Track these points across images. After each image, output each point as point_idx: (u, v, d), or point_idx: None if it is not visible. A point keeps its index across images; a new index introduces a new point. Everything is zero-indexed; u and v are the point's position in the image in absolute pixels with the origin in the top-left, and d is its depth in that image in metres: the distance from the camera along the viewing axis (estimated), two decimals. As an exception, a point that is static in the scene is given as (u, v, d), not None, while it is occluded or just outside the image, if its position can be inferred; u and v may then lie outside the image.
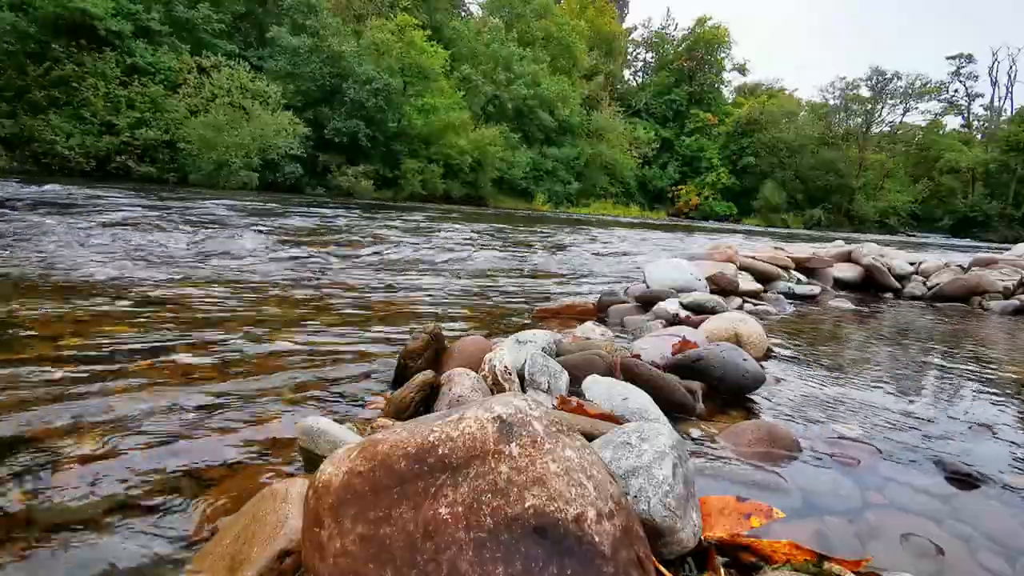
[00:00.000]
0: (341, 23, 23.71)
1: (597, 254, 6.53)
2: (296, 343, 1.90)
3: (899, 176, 42.11)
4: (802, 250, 4.74)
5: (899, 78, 41.65)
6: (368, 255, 4.79)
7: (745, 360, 1.57)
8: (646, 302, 2.66)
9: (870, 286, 4.47)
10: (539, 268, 4.80)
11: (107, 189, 9.37)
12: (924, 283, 4.42)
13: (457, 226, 8.87)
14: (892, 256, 4.86)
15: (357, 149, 22.85)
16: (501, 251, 5.89)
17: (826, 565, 0.73)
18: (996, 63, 47.11)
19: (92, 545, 0.80)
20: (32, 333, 1.79)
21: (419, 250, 5.30)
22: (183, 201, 8.62)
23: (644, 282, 3.00)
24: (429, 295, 3.10)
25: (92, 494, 0.93)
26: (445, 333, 1.63)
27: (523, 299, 3.17)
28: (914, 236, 33.13)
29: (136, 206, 6.78)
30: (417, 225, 8.44)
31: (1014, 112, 43.77)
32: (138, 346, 1.73)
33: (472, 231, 8.22)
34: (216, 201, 9.19)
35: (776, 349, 2.17)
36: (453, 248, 5.74)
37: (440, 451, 0.62)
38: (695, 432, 1.29)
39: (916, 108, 43.41)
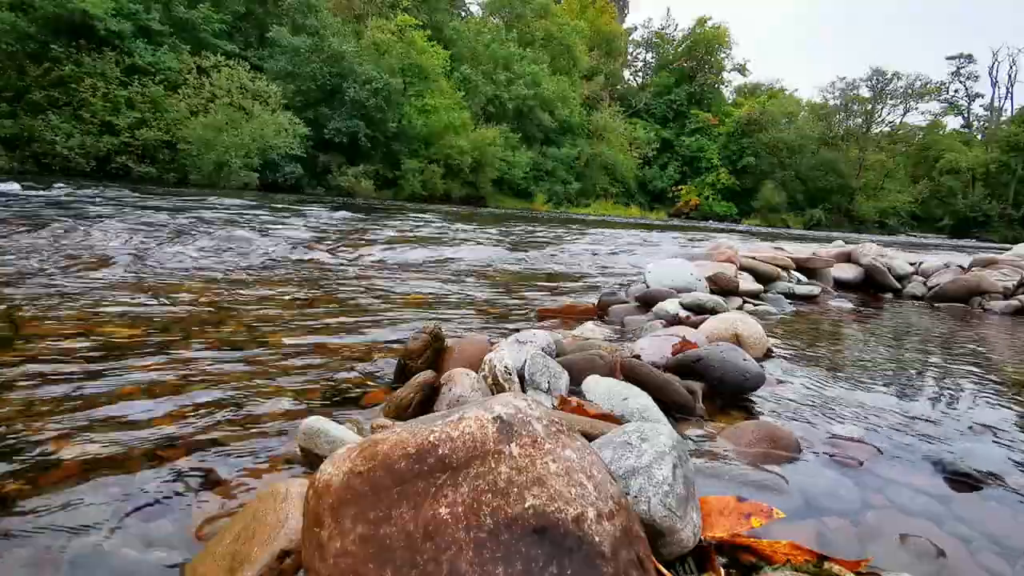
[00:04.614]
0: (341, 23, 23.72)
1: (597, 254, 6.53)
2: (295, 342, 1.90)
3: (899, 176, 42.11)
4: (802, 250, 4.74)
5: (899, 78, 41.73)
6: (367, 255, 4.79)
7: (745, 360, 1.57)
8: (646, 302, 2.66)
9: (870, 286, 4.47)
10: (539, 268, 4.80)
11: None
12: (924, 283, 4.42)
13: (457, 226, 8.87)
14: (892, 256, 4.85)
15: (357, 149, 22.86)
16: (501, 251, 5.89)
17: (826, 565, 0.73)
18: (996, 63, 47.25)
19: (91, 544, 0.80)
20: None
21: (419, 250, 5.31)
22: (181, 199, 8.63)
23: (644, 282, 3.00)
24: (429, 295, 3.10)
25: (92, 491, 0.93)
26: (445, 333, 1.63)
27: (523, 299, 3.17)
28: (914, 236, 33.12)
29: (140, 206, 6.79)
30: (417, 225, 8.44)
31: (1014, 112, 43.82)
32: (138, 343, 1.73)
33: (472, 231, 8.22)
34: (222, 201, 9.19)
35: (776, 349, 2.17)
36: (453, 248, 5.74)
37: (440, 451, 0.62)
38: (695, 432, 1.29)
39: (916, 108, 43.55)
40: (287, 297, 2.74)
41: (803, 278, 4.02)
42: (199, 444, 1.13)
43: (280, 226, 6.43)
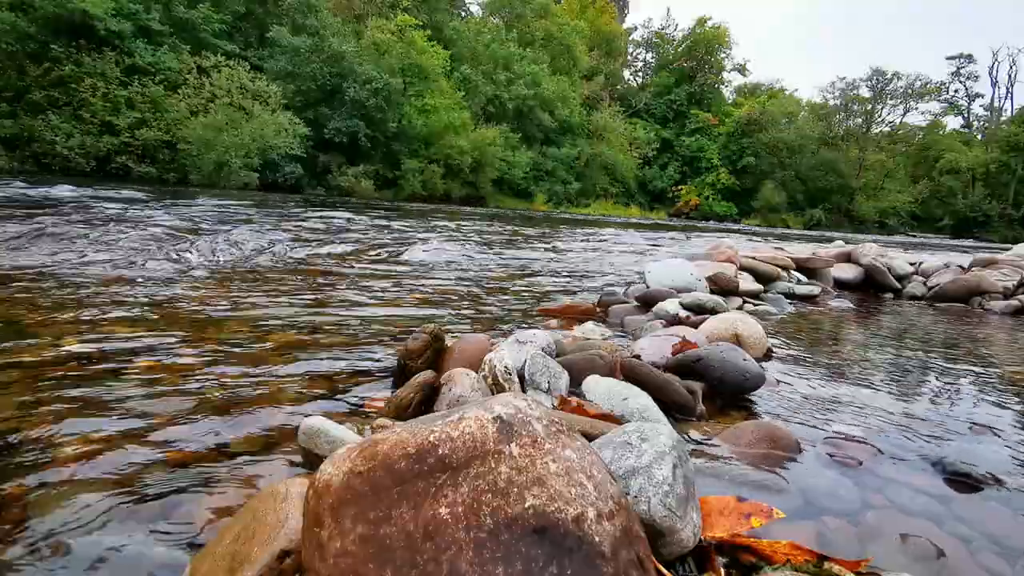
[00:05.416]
0: (341, 23, 23.73)
1: (597, 254, 6.53)
2: (295, 342, 1.90)
3: (899, 176, 42.10)
4: (802, 250, 4.74)
5: (899, 78, 41.75)
6: (368, 254, 4.79)
7: (745, 360, 1.57)
8: (646, 302, 2.66)
9: (870, 286, 4.47)
10: (539, 268, 4.80)
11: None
12: (924, 283, 4.42)
13: (456, 225, 8.87)
14: (892, 256, 4.85)
15: (357, 149, 22.87)
16: (501, 251, 5.89)
17: (826, 565, 0.73)
18: (996, 63, 47.29)
19: (90, 544, 0.80)
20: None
21: (419, 250, 5.30)
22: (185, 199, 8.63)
23: (644, 282, 3.00)
24: (429, 295, 3.10)
25: (91, 490, 0.93)
26: (445, 333, 1.63)
27: (523, 299, 3.17)
28: (914, 236, 33.10)
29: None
30: (417, 225, 8.44)
31: (1014, 112, 43.85)
32: (136, 344, 1.73)
33: (472, 231, 8.22)
34: (216, 202, 9.20)
35: (776, 349, 2.17)
36: (453, 248, 5.74)
37: (440, 451, 0.62)
38: (695, 432, 1.29)
39: (916, 108, 43.57)
40: (275, 294, 2.74)
41: (803, 278, 4.02)
42: (198, 443, 1.13)
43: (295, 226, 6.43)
